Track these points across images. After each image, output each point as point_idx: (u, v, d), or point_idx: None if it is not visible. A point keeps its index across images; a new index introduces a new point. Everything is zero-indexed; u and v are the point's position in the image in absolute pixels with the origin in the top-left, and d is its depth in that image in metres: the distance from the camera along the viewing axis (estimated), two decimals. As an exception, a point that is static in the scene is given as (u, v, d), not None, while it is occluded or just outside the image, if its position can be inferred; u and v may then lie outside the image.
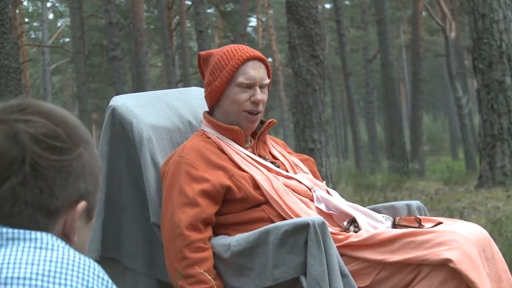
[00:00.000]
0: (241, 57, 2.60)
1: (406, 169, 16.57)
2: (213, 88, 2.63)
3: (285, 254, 2.30)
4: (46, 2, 25.31)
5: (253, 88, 2.60)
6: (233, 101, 2.60)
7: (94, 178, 1.22)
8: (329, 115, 35.39)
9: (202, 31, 15.54)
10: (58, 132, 1.16)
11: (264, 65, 2.65)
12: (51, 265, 1.09)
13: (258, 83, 2.60)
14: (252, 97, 2.60)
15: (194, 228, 2.43)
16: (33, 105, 1.19)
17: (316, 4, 8.12)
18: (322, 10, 30.95)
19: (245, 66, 2.60)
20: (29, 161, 1.13)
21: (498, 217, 6.54)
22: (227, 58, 2.61)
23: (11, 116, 1.15)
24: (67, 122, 1.19)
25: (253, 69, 2.60)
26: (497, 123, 9.34)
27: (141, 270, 2.76)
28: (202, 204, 2.45)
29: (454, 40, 22.89)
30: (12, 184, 1.13)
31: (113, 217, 2.81)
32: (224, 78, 2.59)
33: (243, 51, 2.62)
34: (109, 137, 2.81)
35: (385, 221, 2.53)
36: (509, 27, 9.42)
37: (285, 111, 29.00)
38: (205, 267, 2.40)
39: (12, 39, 8.70)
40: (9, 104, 1.18)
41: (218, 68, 2.62)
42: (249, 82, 2.59)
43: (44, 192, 1.14)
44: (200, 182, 2.47)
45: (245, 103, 2.60)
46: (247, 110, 2.60)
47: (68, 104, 38.25)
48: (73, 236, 1.19)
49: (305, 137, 7.96)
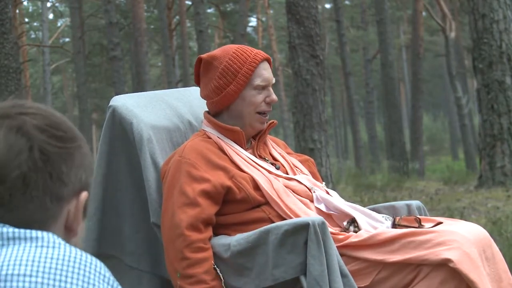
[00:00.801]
0: (255, 59, 2.61)
1: (406, 169, 16.57)
2: (228, 92, 2.60)
3: (285, 254, 2.30)
4: (46, 2, 25.31)
5: (267, 89, 2.64)
6: (250, 104, 2.61)
7: (92, 171, 1.26)
8: (329, 115, 35.39)
9: (202, 31, 15.55)
10: (60, 123, 1.20)
11: (270, 65, 2.69)
12: (52, 262, 1.09)
13: (270, 83, 2.65)
14: (268, 97, 2.63)
15: (195, 228, 2.43)
16: (30, 103, 1.22)
17: (316, 4, 8.12)
18: (322, 10, 30.96)
19: (259, 68, 2.62)
20: (37, 147, 1.15)
21: (498, 217, 6.54)
22: (240, 62, 2.60)
23: (13, 110, 1.18)
24: (64, 118, 1.24)
25: (265, 70, 2.63)
26: (497, 123, 9.34)
27: (145, 269, 2.77)
28: (203, 204, 2.45)
29: (454, 40, 22.89)
30: (22, 171, 1.14)
31: (113, 217, 2.81)
32: (240, 81, 2.59)
33: (254, 54, 2.64)
34: (109, 137, 2.81)
35: (385, 221, 2.53)
36: (509, 27, 9.42)
37: (285, 111, 29.01)
38: (205, 267, 2.40)
39: (12, 39, 8.71)
40: (6, 102, 1.21)
41: (231, 72, 2.59)
42: (265, 83, 2.62)
43: (53, 178, 1.16)
44: (200, 182, 2.47)
45: (261, 104, 2.63)
46: (262, 111, 2.63)
47: (68, 104, 38.28)
48: (76, 226, 1.21)
49: (305, 137, 7.96)
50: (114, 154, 2.80)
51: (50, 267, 1.08)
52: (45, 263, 1.09)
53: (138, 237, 2.78)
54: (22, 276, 1.06)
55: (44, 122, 1.18)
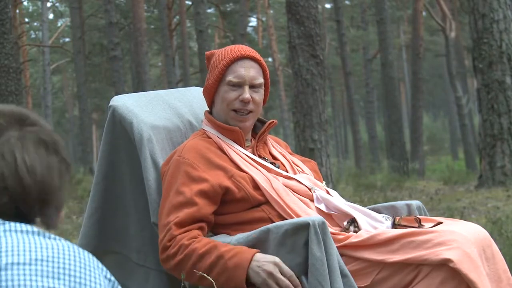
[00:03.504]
0: (231, 55, 2.60)
1: (406, 169, 16.58)
2: (206, 87, 2.67)
3: (285, 254, 2.30)
4: (46, 2, 25.29)
5: (242, 87, 2.60)
6: (223, 100, 2.61)
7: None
8: (329, 115, 35.38)
9: (202, 31, 15.55)
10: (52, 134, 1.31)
11: (258, 65, 2.64)
12: (48, 251, 1.12)
13: (247, 82, 2.60)
14: (241, 95, 2.60)
15: (182, 225, 2.42)
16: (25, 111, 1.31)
17: (316, 4, 8.12)
18: (322, 10, 30.95)
19: (235, 65, 2.60)
20: (64, 164, 1.27)
21: (498, 217, 6.54)
22: (220, 57, 2.63)
23: (24, 125, 1.25)
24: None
25: (243, 68, 2.60)
26: (497, 123, 9.34)
27: (151, 266, 2.77)
28: (199, 203, 2.45)
29: (454, 40, 22.89)
30: (54, 190, 1.23)
31: (117, 215, 2.81)
32: (215, 76, 2.62)
33: (235, 50, 2.62)
34: (110, 137, 2.82)
35: (385, 221, 2.53)
36: (509, 27, 9.43)
37: (285, 111, 28.99)
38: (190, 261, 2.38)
39: (12, 39, 8.71)
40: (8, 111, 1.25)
41: (213, 67, 2.65)
42: (237, 80, 2.59)
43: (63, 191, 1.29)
44: (198, 182, 2.47)
45: (234, 101, 2.60)
46: (235, 108, 2.60)
47: (68, 104, 38.28)
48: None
49: (305, 137, 7.95)
50: (116, 154, 2.81)
51: (47, 255, 1.12)
52: (42, 252, 1.12)
53: (144, 235, 2.79)
54: (22, 264, 1.09)
55: (54, 137, 1.27)
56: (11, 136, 1.18)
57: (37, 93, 33.23)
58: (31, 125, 1.22)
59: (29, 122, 1.22)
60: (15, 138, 1.17)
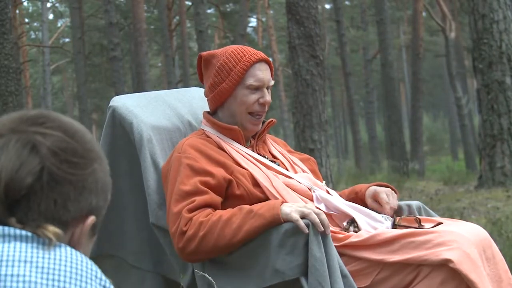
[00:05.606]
0: (250, 59, 2.61)
1: (406, 169, 16.58)
2: (221, 90, 2.63)
3: (285, 254, 2.29)
4: (46, 2, 25.30)
5: (261, 89, 2.63)
6: (241, 103, 2.61)
7: (105, 194, 1.25)
8: (329, 115, 35.40)
9: (202, 31, 15.54)
10: (76, 147, 1.19)
11: (269, 67, 2.67)
12: (44, 262, 1.09)
13: (266, 85, 2.63)
14: (261, 98, 2.62)
15: (192, 210, 2.41)
16: (52, 118, 1.20)
17: (316, 4, 8.12)
18: (322, 10, 30.94)
19: (254, 68, 2.62)
20: (47, 171, 1.14)
21: (498, 217, 6.54)
22: (234, 60, 2.61)
23: (31, 128, 1.17)
24: (84, 138, 1.21)
25: (261, 71, 2.62)
26: (497, 123, 9.34)
27: (147, 268, 2.77)
28: (209, 192, 2.44)
29: (454, 40, 22.90)
30: (28, 192, 1.14)
31: (115, 217, 2.81)
32: (233, 80, 2.60)
33: (251, 53, 2.63)
34: (110, 137, 2.81)
35: (385, 221, 2.53)
36: (509, 27, 9.42)
37: (285, 111, 29.00)
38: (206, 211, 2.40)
39: (12, 39, 8.71)
40: (29, 116, 1.20)
41: (225, 70, 2.62)
42: (258, 84, 2.61)
43: (57, 204, 1.15)
44: (202, 174, 2.47)
45: (254, 105, 2.62)
46: (254, 111, 2.62)
47: (68, 104, 38.27)
48: (78, 249, 1.19)
49: (305, 137, 7.95)
50: (115, 154, 2.81)
51: (42, 267, 1.08)
52: (37, 263, 1.09)
53: (141, 236, 2.78)
54: (15, 276, 1.06)
55: (61, 145, 1.17)
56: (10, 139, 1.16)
57: (37, 93, 33.22)
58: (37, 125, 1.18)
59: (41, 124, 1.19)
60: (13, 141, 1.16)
